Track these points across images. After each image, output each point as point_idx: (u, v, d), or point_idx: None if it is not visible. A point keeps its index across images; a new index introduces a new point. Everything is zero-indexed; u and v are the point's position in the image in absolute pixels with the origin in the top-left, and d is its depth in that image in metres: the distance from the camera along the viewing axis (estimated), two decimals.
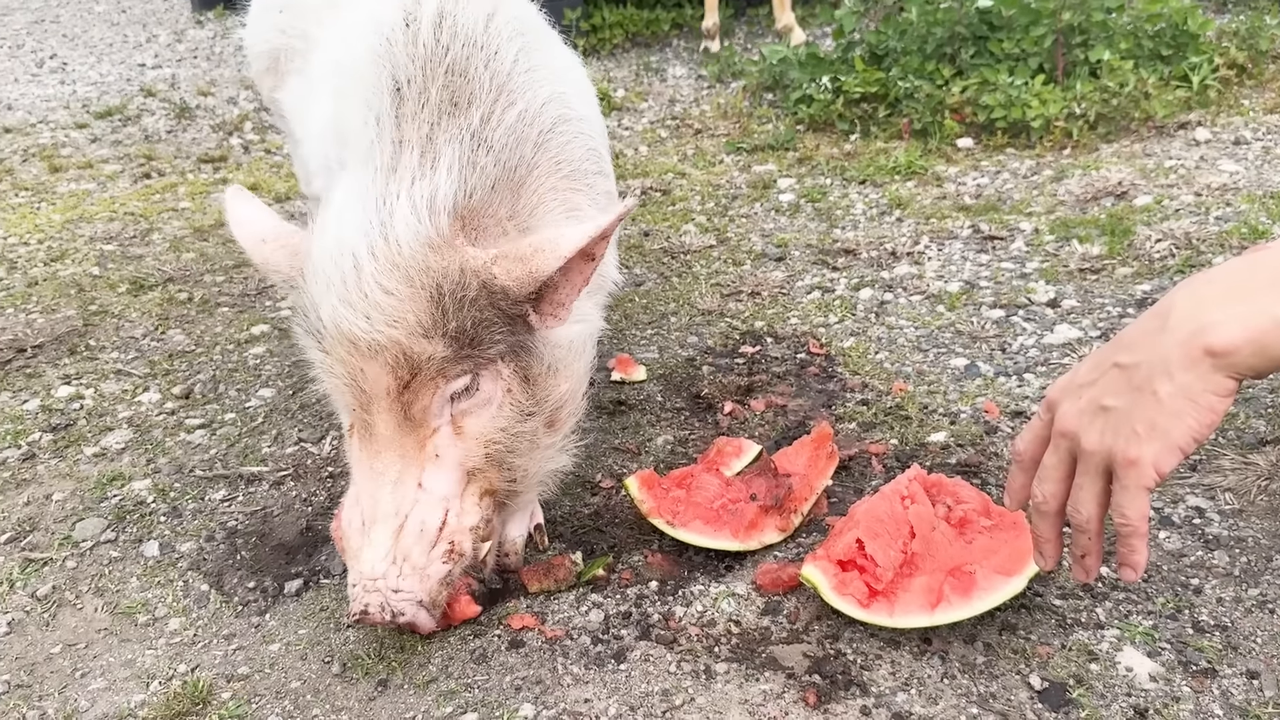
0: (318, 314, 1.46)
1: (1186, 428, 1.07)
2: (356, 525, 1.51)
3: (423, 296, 1.41)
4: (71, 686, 1.60)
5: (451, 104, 1.54)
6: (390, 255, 1.41)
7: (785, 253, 3.03)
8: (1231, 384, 1.05)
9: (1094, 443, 1.14)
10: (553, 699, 1.48)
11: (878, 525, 1.57)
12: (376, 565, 1.46)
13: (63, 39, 7.62)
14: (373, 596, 1.46)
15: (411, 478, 1.50)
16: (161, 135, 4.90)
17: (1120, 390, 1.11)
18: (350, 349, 1.43)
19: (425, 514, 1.49)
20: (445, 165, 1.48)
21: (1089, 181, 3.27)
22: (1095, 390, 1.14)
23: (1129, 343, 1.13)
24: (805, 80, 4.36)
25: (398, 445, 1.49)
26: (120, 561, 1.89)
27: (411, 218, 1.43)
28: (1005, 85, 3.78)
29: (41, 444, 2.29)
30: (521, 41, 1.67)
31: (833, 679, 1.46)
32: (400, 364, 1.43)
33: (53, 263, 3.35)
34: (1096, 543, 1.23)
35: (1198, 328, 1.05)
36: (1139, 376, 1.09)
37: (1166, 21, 4.07)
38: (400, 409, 1.46)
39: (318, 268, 1.45)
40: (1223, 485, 1.81)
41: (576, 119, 1.74)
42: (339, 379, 1.47)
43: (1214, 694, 1.39)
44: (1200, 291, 1.08)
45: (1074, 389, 1.18)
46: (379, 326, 1.40)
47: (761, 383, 2.31)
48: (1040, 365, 2.27)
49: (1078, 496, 1.19)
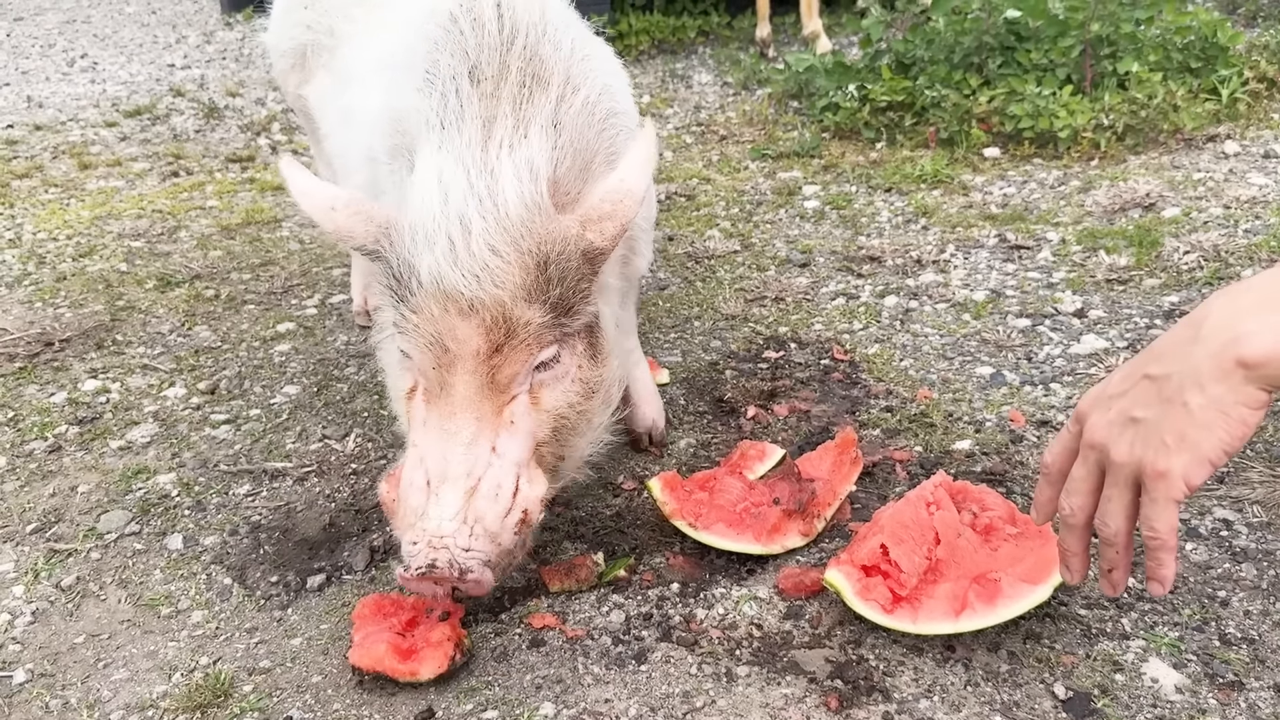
0: (413, 272, 1.46)
1: (1217, 440, 1.05)
2: (419, 484, 1.49)
3: (530, 261, 1.44)
4: (94, 677, 1.61)
5: (532, 83, 1.56)
6: (499, 217, 1.43)
7: (810, 259, 3.02)
8: (1264, 396, 1.03)
9: (1123, 454, 1.12)
10: (573, 698, 1.48)
11: (902, 531, 1.57)
12: (445, 524, 1.45)
13: (93, 39, 7.70)
14: (440, 553, 1.43)
15: (486, 441, 1.49)
16: (190, 135, 4.94)
17: (1150, 402, 1.10)
18: (446, 307, 1.44)
19: (500, 477, 1.49)
20: (536, 137, 1.51)
21: (1116, 193, 3.25)
22: (1125, 401, 1.13)
23: (1160, 353, 1.11)
24: (831, 88, 4.36)
25: (475, 408, 1.48)
26: (144, 554, 1.90)
27: (516, 182, 1.45)
28: (1033, 95, 3.77)
29: (68, 437, 2.31)
30: (573, 32, 1.70)
31: (855, 684, 1.45)
32: (497, 326, 1.44)
33: (81, 258, 3.38)
34: (1125, 556, 1.21)
35: (1231, 338, 1.03)
36: (1170, 388, 1.08)
37: (1196, 34, 4.04)
38: (486, 372, 1.47)
39: (417, 228, 1.46)
40: (1251, 498, 1.79)
41: (623, 112, 1.77)
42: (422, 337, 1.47)
43: (1240, 707, 1.38)
44: (1236, 302, 1.06)
45: (1104, 400, 1.17)
46: (485, 286, 1.42)
47: (785, 388, 2.31)
48: (1066, 375, 2.25)
49: (1106, 509, 1.17)
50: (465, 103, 1.53)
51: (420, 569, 1.42)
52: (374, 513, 1.97)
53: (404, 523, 1.50)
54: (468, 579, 1.44)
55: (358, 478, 2.10)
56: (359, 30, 2.11)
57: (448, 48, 1.61)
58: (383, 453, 2.18)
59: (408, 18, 1.79)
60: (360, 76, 1.95)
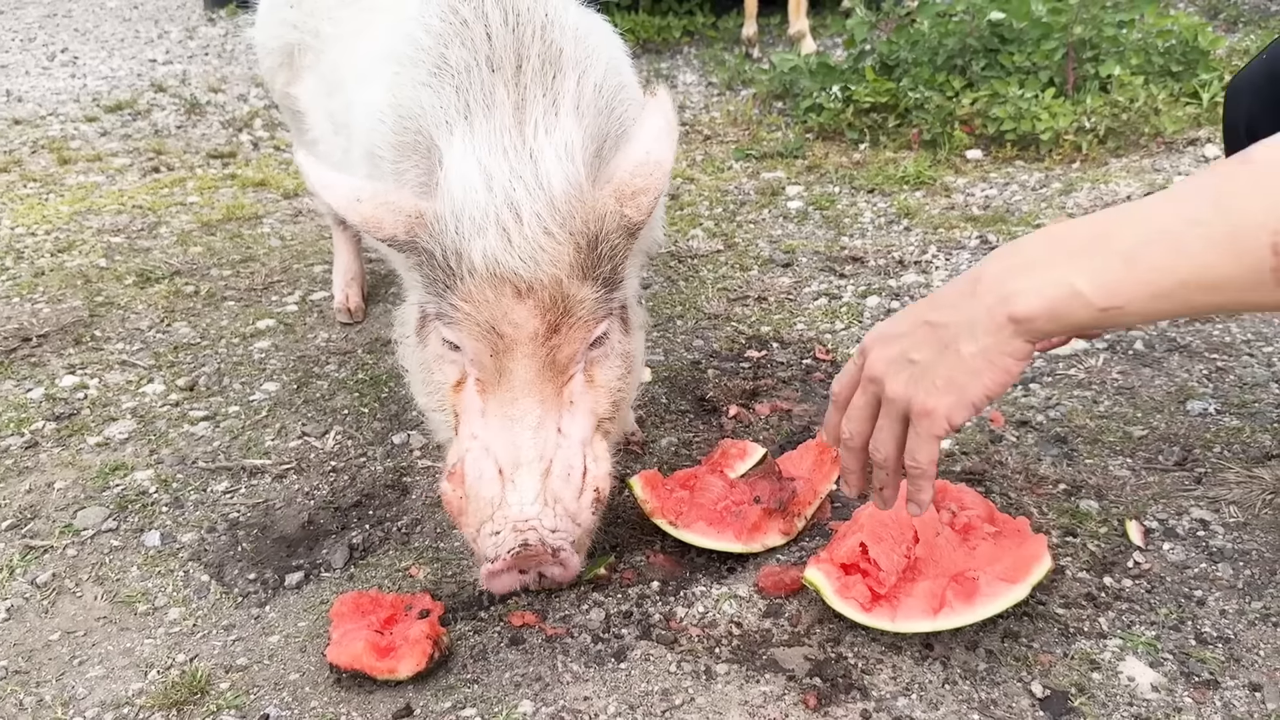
0: (464, 260, 1.44)
1: (982, 386, 1.14)
2: (490, 475, 1.48)
3: (581, 240, 1.44)
4: (69, 674, 1.60)
5: (552, 68, 1.56)
6: (547, 199, 1.43)
7: (793, 259, 3.03)
8: (1028, 348, 1.12)
9: (898, 391, 1.21)
10: (552, 696, 1.48)
11: (882, 530, 1.57)
12: (528, 508, 1.45)
13: (74, 33, 7.65)
14: (530, 534, 1.44)
15: (552, 423, 1.49)
16: (171, 130, 4.91)
17: (928, 346, 1.18)
18: (501, 292, 1.43)
19: (570, 458, 1.50)
20: (567, 119, 1.51)
21: (1098, 195, 3.27)
22: (906, 343, 1.21)
23: (940, 303, 1.19)
24: (815, 89, 4.37)
25: (537, 391, 1.49)
26: (121, 551, 1.88)
27: (559, 162, 1.46)
28: (1015, 98, 3.78)
29: (45, 432, 2.29)
30: (575, 11, 1.70)
31: (833, 682, 1.46)
32: (554, 306, 1.44)
33: (60, 253, 3.35)
34: (894, 479, 1.30)
35: (1003, 295, 1.11)
36: (947, 335, 1.16)
37: (1177, 38, 4.07)
38: (546, 353, 1.47)
39: (461, 215, 1.44)
40: (1228, 498, 1.81)
41: (628, 85, 1.76)
42: (477, 326, 1.46)
43: (1216, 705, 1.39)
44: (1009, 261, 1.14)
45: (886, 339, 1.24)
46: (544, 267, 1.42)
47: (767, 387, 2.31)
48: (1046, 376, 2.26)
49: (878, 437, 1.27)
50: (490, 90, 1.53)
51: (513, 550, 1.43)
52: (353, 510, 1.97)
53: (479, 516, 1.49)
54: (561, 557, 1.46)
55: (337, 475, 2.09)
56: (347, 32, 2.09)
57: (455, 40, 1.59)
58: (362, 450, 2.17)
59: (404, 11, 1.77)
60: (357, 75, 1.92)
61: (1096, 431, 2.04)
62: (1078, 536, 1.74)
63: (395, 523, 1.92)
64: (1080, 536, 1.74)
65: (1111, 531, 1.74)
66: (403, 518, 1.94)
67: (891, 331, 1.24)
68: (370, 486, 2.04)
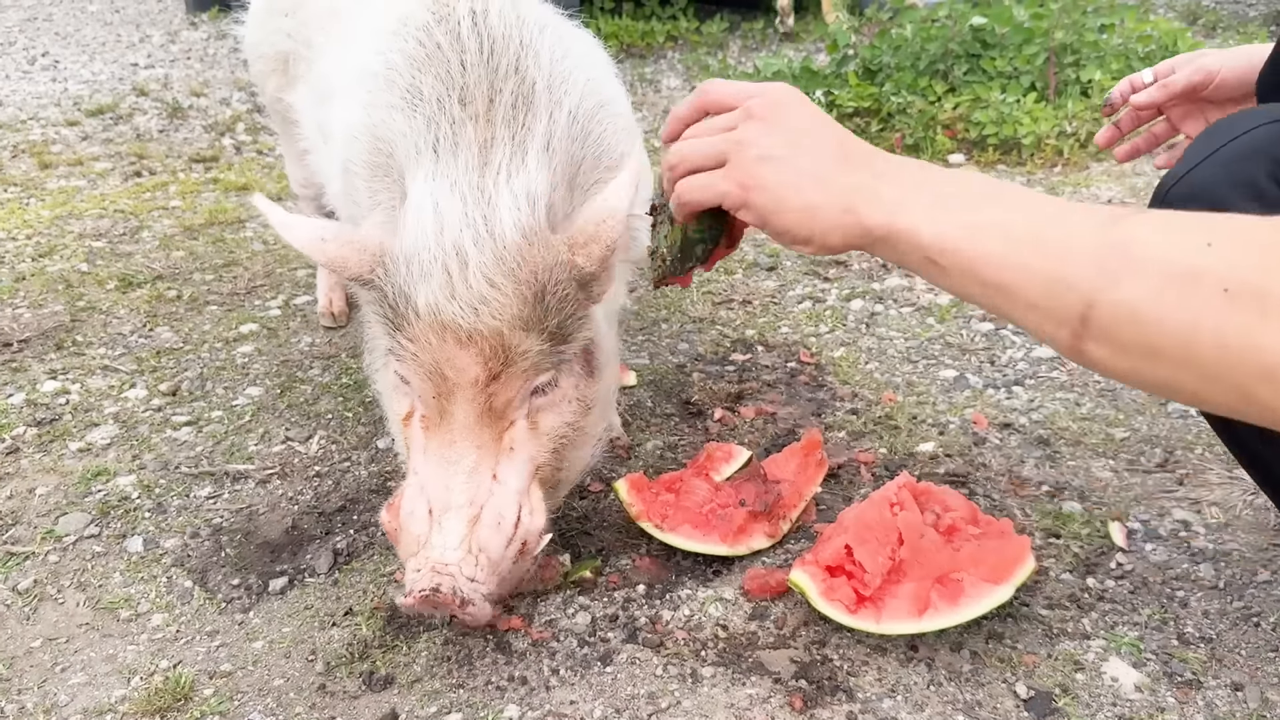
0: (410, 303, 1.43)
1: (786, 219, 1.18)
2: (421, 514, 1.47)
3: (527, 292, 1.41)
4: (51, 681, 1.59)
5: (525, 105, 1.54)
6: (495, 248, 1.41)
7: (777, 262, 3.04)
8: (835, 247, 1.18)
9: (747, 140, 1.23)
10: (538, 700, 1.48)
11: (866, 531, 1.58)
12: (449, 553, 1.43)
13: (55, 37, 7.60)
14: (444, 580, 1.42)
15: (487, 468, 1.48)
16: (153, 134, 4.89)
17: (788, 149, 1.20)
18: (444, 338, 1.42)
19: (502, 507, 1.47)
20: (532, 162, 1.49)
21: (1079, 199, 3.29)
22: (777, 135, 1.22)
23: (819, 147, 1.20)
24: None
25: (475, 435, 1.47)
26: (103, 557, 1.87)
27: (514, 211, 1.43)
28: (997, 102, 3.81)
29: (26, 438, 2.27)
30: (551, 34, 1.67)
31: (819, 684, 1.46)
32: (495, 355, 1.42)
33: (40, 258, 3.33)
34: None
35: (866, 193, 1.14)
36: (803, 163, 1.18)
37: (1157, 43, 4.10)
38: (485, 399, 1.45)
39: (412, 258, 1.43)
40: (1209, 499, 1.82)
41: (609, 102, 1.74)
42: (421, 366, 1.45)
43: (1198, 705, 1.40)
44: (891, 173, 1.16)
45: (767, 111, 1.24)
46: (484, 318, 1.40)
47: (752, 390, 2.31)
48: (1029, 378, 2.27)
49: (698, 152, 1.27)
50: (458, 128, 1.51)
51: (424, 591, 1.41)
52: (337, 515, 1.96)
53: (407, 550, 1.49)
54: (468, 610, 1.43)
55: (321, 480, 2.08)
56: (334, 42, 2.08)
57: (430, 67, 1.57)
58: (346, 455, 2.16)
59: (379, 26, 1.75)
60: (338, 89, 1.91)
61: (1079, 433, 2.05)
62: (1061, 538, 1.75)
63: (380, 528, 1.92)
64: (1063, 538, 1.75)
65: (1094, 533, 1.76)
66: None
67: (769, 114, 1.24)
68: (355, 491, 2.03)
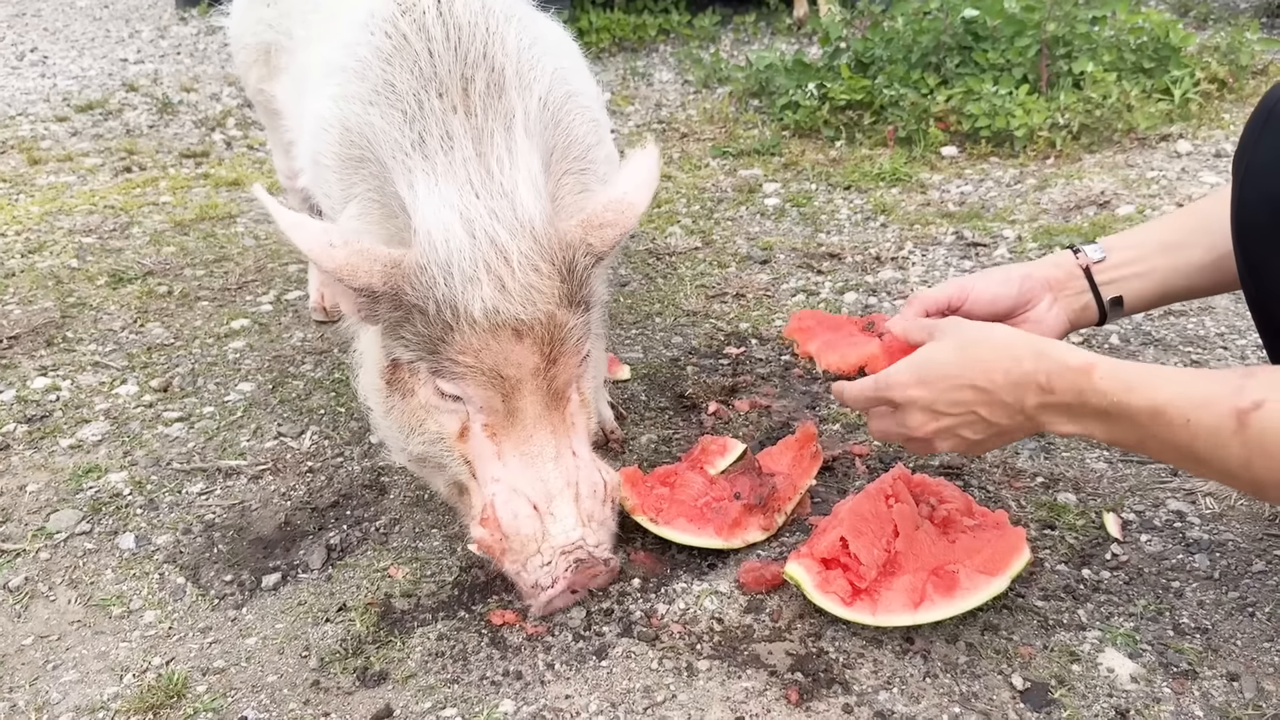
0: (463, 312, 1.42)
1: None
2: (526, 513, 1.51)
3: (564, 269, 1.47)
4: (43, 678, 1.58)
5: (497, 91, 1.55)
6: (530, 236, 1.44)
7: (770, 256, 3.03)
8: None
9: (941, 449, 1.49)
10: (533, 695, 1.47)
11: (862, 524, 1.57)
12: (572, 532, 1.51)
13: (44, 32, 7.56)
14: (579, 553, 1.51)
15: (566, 449, 1.55)
16: (143, 130, 4.86)
17: (983, 431, 1.44)
18: (498, 337, 1.44)
19: (592, 477, 1.56)
20: (523, 145, 1.51)
21: (1072, 191, 3.29)
22: (955, 422, 1.43)
23: (995, 407, 1.41)
24: (791, 86, 4.37)
25: (547, 423, 1.53)
26: (95, 554, 1.86)
27: (533, 194, 1.47)
28: (990, 95, 3.80)
29: (16, 435, 2.26)
30: (517, 23, 1.66)
31: (815, 677, 1.46)
32: (549, 339, 1.47)
33: (30, 254, 3.31)
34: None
35: (1039, 424, 1.42)
36: (998, 429, 1.43)
37: (1149, 35, 4.10)
38: (547, 386, 1.50)
39: (450, 266, 1.42)
40: (1203, 490, 1.82)
41: (577, 93, 1.74)
42: (481, 374, 1.47)
43: (1194, 695, 1.40)
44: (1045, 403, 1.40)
45: (932, 410, 1.44)
46: (539, 305, 1.44)
47: (746, 383, 2.31)
48: None
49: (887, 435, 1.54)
50: (442, 122, 1.50)
51: (568, 569, 1.51)
52: (330, 511, 1.95)
53: (524, 552, 1.52)
54: (611, 564, 1.57)
55: (313, 475, 2.07)
56: (314, 36, 2.07)
57: (399, 60, 1.57)
58: (339, 450, 2.15)
59: (349, 18, 1.73)
60: (312, 81, 1.90)
61: None
62: (1056, 529, 1.75)
63: (373, 523, 1.91)
64: (1058, 529, 1.74)
65: (1089, 524, 1.75)
66: (380, 518, 1.92)
67: (937, 405, 1.42)
68: (347, 487, 2.02)
